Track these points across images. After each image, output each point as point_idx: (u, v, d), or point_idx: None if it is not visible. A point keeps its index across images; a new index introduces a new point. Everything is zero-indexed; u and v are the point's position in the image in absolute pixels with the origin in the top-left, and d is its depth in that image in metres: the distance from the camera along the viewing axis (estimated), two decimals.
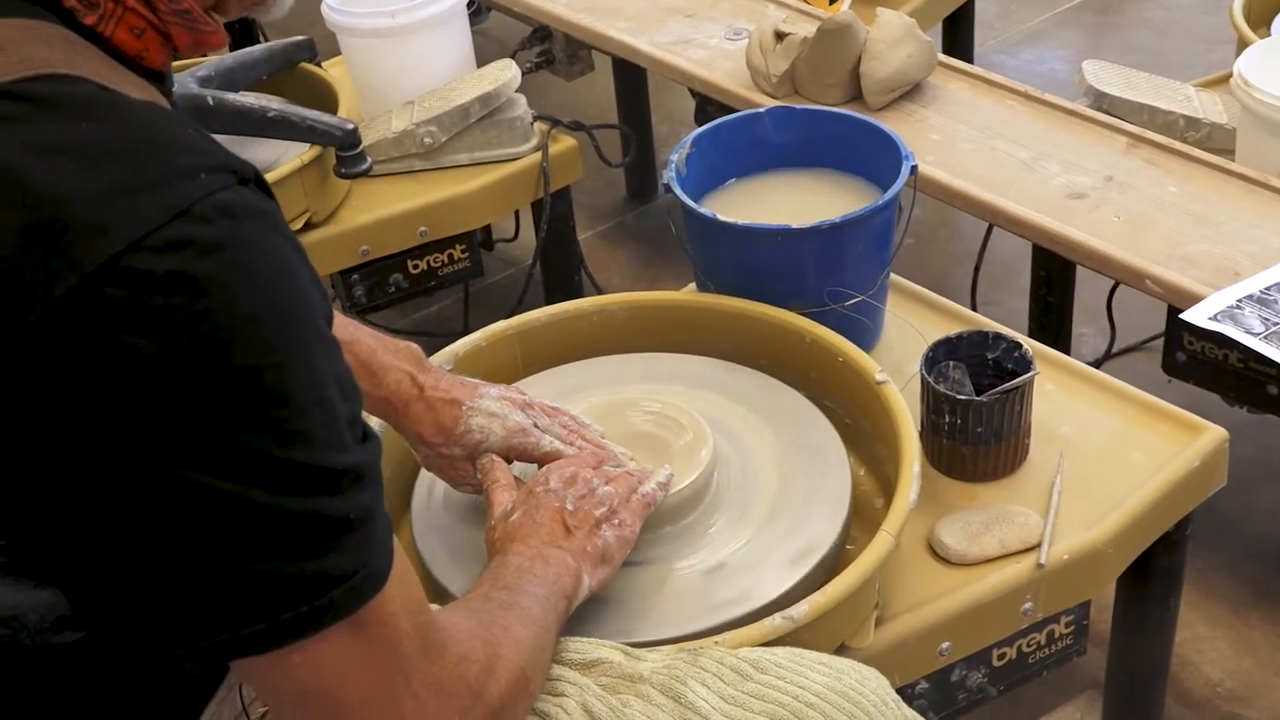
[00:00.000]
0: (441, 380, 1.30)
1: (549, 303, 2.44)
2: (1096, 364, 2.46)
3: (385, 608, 0.85)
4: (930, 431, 1.47)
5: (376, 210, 2.15)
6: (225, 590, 0.80)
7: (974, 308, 2.38)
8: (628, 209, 3.09)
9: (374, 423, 1.36)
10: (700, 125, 2.39)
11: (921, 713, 1.39)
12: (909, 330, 1.63)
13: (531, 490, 1.22)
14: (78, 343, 0.75)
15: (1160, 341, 1.87)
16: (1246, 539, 2.19)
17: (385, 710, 0.87)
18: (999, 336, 1.50)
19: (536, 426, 1.30)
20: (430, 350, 2.00)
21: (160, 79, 0.91)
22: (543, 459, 1.28)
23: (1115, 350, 2.47)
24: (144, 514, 0.78)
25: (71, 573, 0.82)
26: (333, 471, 0.81)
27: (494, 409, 1.29)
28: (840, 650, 1.28)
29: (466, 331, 2.55)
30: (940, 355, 1.49)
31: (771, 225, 1.50)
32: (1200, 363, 1.78)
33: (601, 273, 2.71)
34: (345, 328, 1.27)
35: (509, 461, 1.29)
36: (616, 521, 1.22)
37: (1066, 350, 2.40)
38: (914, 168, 1.55)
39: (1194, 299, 1.67)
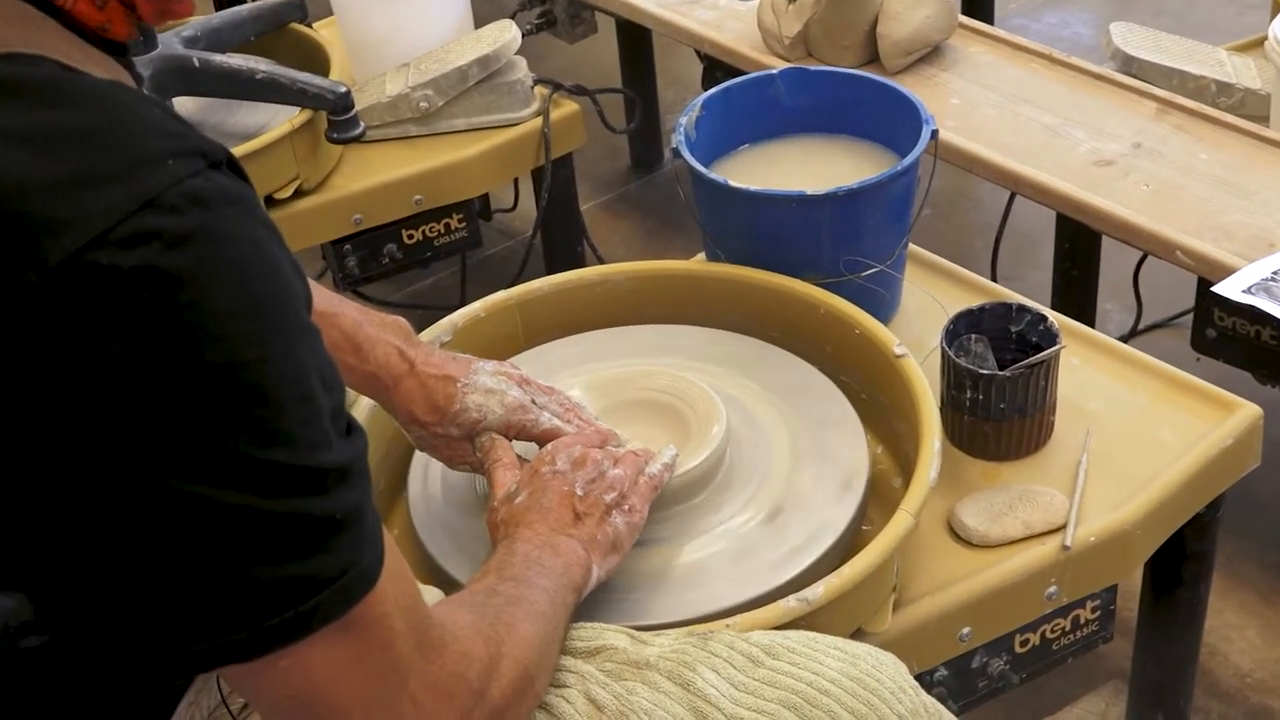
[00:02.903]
0: (433, 355, 1.28)
1: (550, 274, 2.44)
2: (1122, 341, 2.45)
3: (377, 608, 0.84)
4: (951, 408, 1.47)
5: (370, 177, 2.15)
6: (205, 597, 0.78)
7: (994, 280, 2.40)
8: (632, 178, 3.08)
9: (364, 403, 1.36)
10: (708, 91, 2.41)
11: (940, 701, 1.39)
12: (928, 302, 1.62)
13: (537, 470, 1.21)
14: (42, 344, 0.73)
15: (1189, 318, 1.87)
16: (1278, 524, 2.19)
17: (381, 714, 0.87)
18: (1023, 308, 1.50)
19: (534, 403, 1.29)
20: (425, 323, 1.98)
21: (123, 51, 0.89)
22: (542, 437, 1.28)
23: (1142, 327, 2.46)
24: (117, 520, 0.76)
25: (41, 579, 0.81)
26: (317, 470, 0.80)
27: (491, 385, 1.27)
28: (857, 635, 1.28)
29: (463, 303, 2.59)
30: (961, 328, 1.49)
31: (785, 191, 1.50)
32: (1231, 339, 1.78)
33: (604, 244, 2.71)
34: (329, 300, 1.26)
35: (507, 439, 1.28)
36: (627, 507, 1.21)
37: (1091, 325, 2.40)
38: (934, 132, 1.55)
39: (1226, 271, 1.66)
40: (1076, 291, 2.33)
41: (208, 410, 0.76)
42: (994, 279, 2.38)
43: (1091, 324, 2.41)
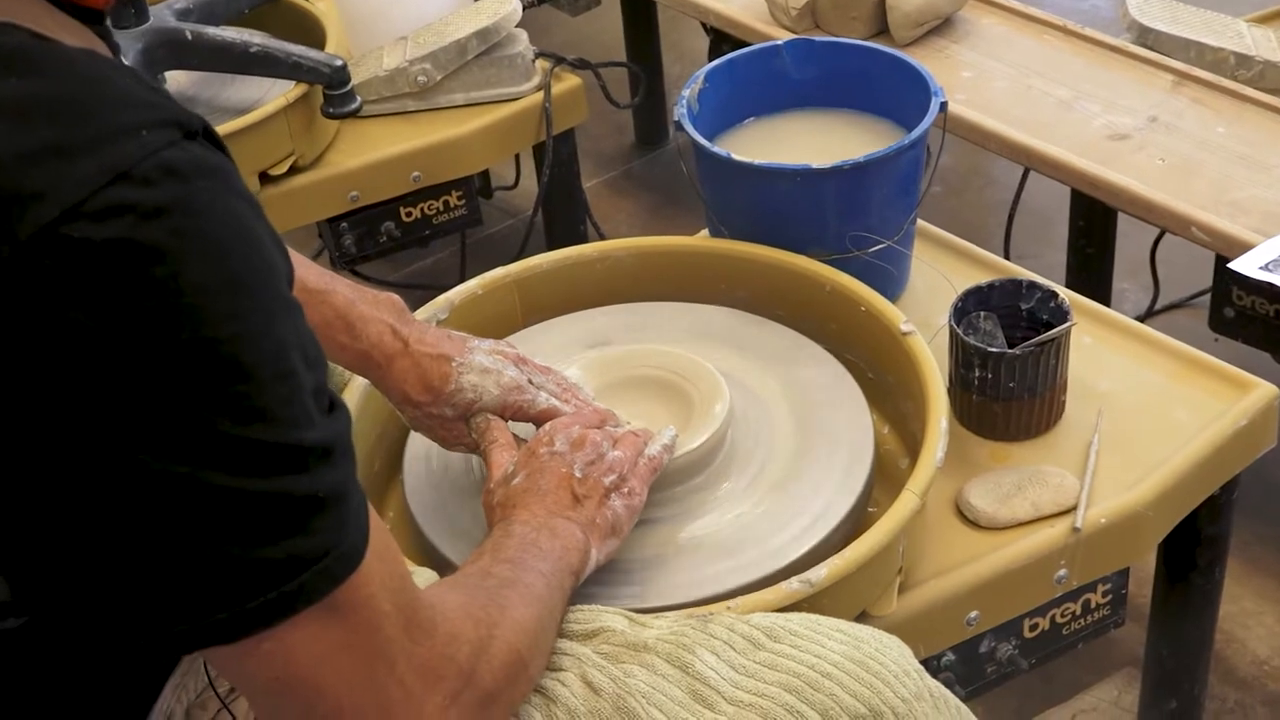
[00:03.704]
0: (427, 334, 1.28)
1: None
2: (1139, 321, 2.45)
3: (363, 589, 0.84)
4: (959, 387, 1.47)
5: (367, 153, 2.14)
6: (184, 577, 0.78)
7: (1008, 259, 2.39)
8: (636, 155, 3.08)
9: (358, 382, 1.36)
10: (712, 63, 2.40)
11: (947, 686, 1.39)
12: (937, 279, 1.62)
13: (535, 451, 1.21)
14: (16, 320, 0.73)
15: (1207, 298, 1.86)
16: None
17: (367, 696, 0.86)
18: (1033, 285, 1.49)
19: (531, 383, 1.28)
20: (423, 304, 1.96)
21: (99, 19, 0.88)
22: (539, 417, 1.27)
23: (1158, 307, 2.46)
24: (95, 499, 0.76)
25: (18, 560, 0.80)
26: (298, 449, 0.79)
27: (486, 364, 1.27)
28: (861, 618, 1.28)
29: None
30: (970, 305, 1.48)
31: (790, 165, 1.49)
32: (1250, 319, 1.77)
33: (607, 222, 2.70)
34: (320, 277, 1.25)
35: (504, 420, 1.28)
36: (626, 490, 1.21)
37: (1107, 305, 2.39)
38: (944, 104, 1.54)
39: (1243, 247, 1.66)
40: (1092, 270, 2.33)
41: (185, 387, 0.75)
42: (1008, 258, 2.39)
43: (1107, 303, 2.41)
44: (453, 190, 2.22)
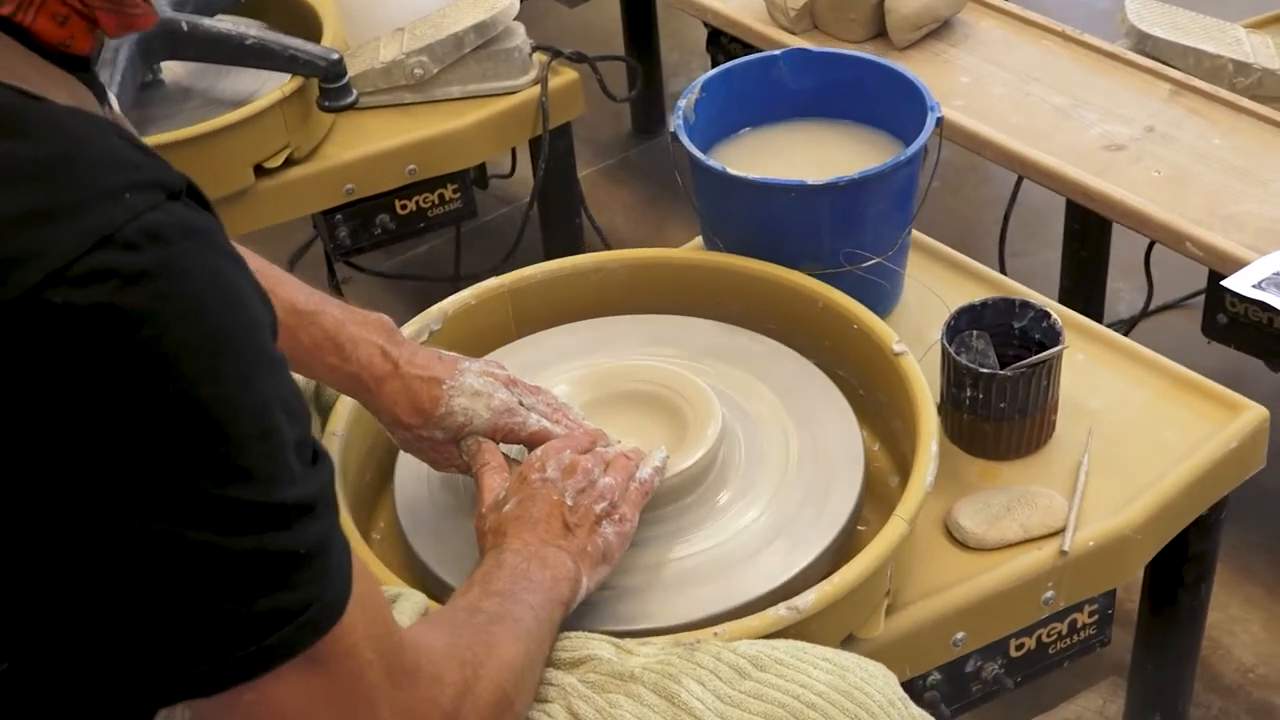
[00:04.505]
0: (417, 355, 1.28)
1: (546, 247, 2.44)
2: (1133, 322, 2.46)
3: (345, 639, 0.85)
4: (950, 405, 1.47)
5: (362, 146, 2.15)
6: (166, 631, 0.79)
7: (1002, 259, 2.40)
8: (632, 144, 3.07)
9: (345, 404, 1.36)
10: (712, 55, 2.40)
11: (933, 705, 1.41)
12: (931, 290, 1.62)
13: (526, 477, 1.21)
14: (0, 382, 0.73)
15: (1201, 298, 1.86)
16: None
17: None
18: (1026, 304, 1.50)
19: (522, 404, 1.29)
20: (418, 294, 1.96)
21: (85, 66, 0.88)
22: (530, 439, 1.28)
23: (1152, 308, 2.46)
24: (76, 554, 0.77)
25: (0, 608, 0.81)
26: (279, 506, 0.80)
27: (477, 387, 1.27)
28: (849, 641, 1.29)
29: (457, 275, 2.59)
30: (963, 324, 1.49)
31: (785, 180, 1.49)
32: (1243, 326, 1.78)
33: (603, 213, 2.70)
34: (310, 298, 1.26)
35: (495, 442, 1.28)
36: (617, 517, 1.21)
37: (1100, 306, 2.40)
38: (939, 120, 1.54)
39: (1237, 264, 1.66)
40: (1087, 272, 2.33)
41: (166, 448, 0.76)
42: (1002, 257, 2.40)
43: (1101, 304, 2.41)
44: (448, 183, 2.22)
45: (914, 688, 1.38)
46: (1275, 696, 1.99)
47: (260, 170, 2.07)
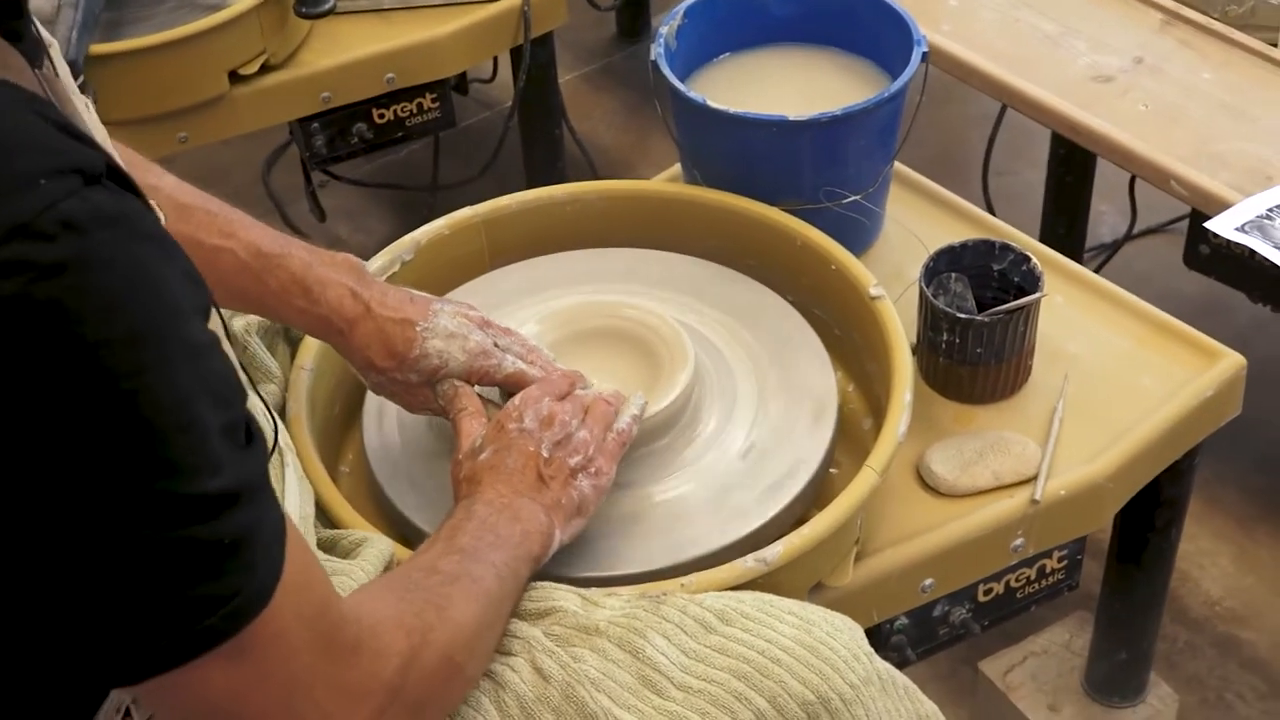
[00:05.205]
0: (388, 296, 1.26)
1: (526, 158, 2.41)
2: (1115, 247, 2.45)
3: (273, 624, 0.84)
4: (926, 349, 1.46)
5: (340, 53, 2.11)
6: (91, 621, 0.79)
7: (985, 181, 2.38)
8: (616, 49, 3.03)
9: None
10: None
11: (899, 649, 1.41)
12: (912, 226, 1.60)
13: (503, 426, 1.20)
14: None
15: (1184, 224, 1.84)
16: (1259, 447, 2.19)
17: None
18: (1006, 247, 1.48)
19: (497, 346, 1.27)
20: (395, 201, 1.93)
21: (16, 14, 0.84)
22: (506, 382, 1.26)
23: (1135, 232, 2.45)
24: (4, 545, 0.76)
25: None
26: (203, 498, 0.79)
27: (451, 328, 1.25)
28: (817, 589, 1.29)
29: (435, 183, 2.56)
30: (942, 265, 1.47)
31: (765, 115, 1.47)
32: (1224, 258, 1.76)
33: (584, 121, 2.67)
34: (275, 241, 1.23)
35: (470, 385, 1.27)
36: (593, 470, 1.20)
37: (1084, 230, 2.39)
38: (925, 55, 1.52)
39: (1222, 205, 1.64)
40: (1070, 196, 2.32)
41: (86, 442, 0.75)
42: (985, 179, 2.38)
43: (1084, 228, 2.40)
44: (427, 93, 2.19)
45: (880, 632, 1.38)
46: (1241, 630, 2.01)
47: (235, 77, 2.03)
